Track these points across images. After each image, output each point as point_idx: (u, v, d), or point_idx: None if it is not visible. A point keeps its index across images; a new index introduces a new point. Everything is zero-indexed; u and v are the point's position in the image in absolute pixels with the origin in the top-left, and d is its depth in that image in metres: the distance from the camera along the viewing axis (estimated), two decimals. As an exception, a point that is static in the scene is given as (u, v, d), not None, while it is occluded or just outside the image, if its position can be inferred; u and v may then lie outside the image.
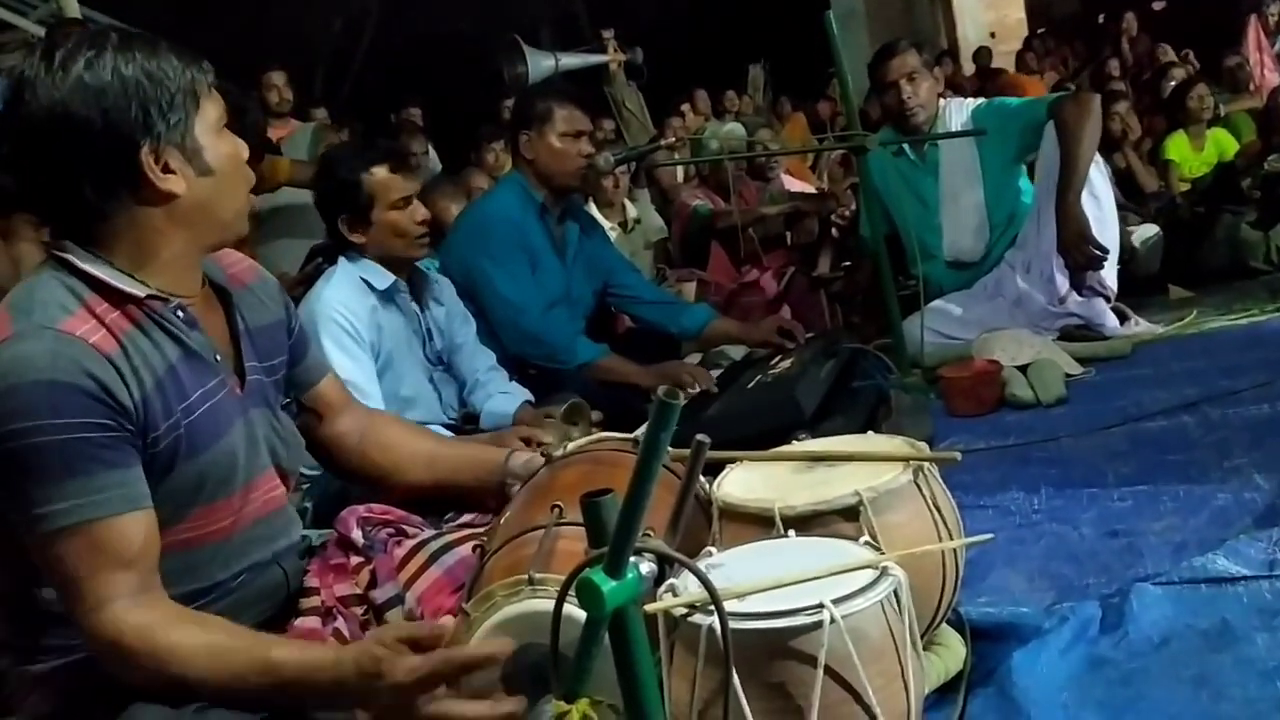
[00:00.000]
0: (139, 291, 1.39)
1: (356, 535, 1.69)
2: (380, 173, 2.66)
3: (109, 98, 1.34)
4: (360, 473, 1.84)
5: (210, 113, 1.45)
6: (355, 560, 1.69)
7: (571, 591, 0.96)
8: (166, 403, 1.39)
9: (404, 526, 1.76)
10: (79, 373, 1.29)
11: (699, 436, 0.95)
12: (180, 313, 1.44)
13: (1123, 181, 5.12)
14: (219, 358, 1.49)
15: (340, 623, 1.60)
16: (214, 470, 1.44)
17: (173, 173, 1.40)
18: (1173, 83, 6.29)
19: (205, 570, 1.47)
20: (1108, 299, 3.28)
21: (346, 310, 2.57)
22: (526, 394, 2.85)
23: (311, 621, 1.60)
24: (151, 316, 1.41)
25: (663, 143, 4.60)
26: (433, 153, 5.79)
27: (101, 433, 1.30)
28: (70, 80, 1.34)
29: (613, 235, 4.25)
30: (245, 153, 1.52)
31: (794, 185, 5.55)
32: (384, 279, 2.66)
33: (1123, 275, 3.38)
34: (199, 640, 1.29)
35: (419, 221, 2.68)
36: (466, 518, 1.85)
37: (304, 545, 1.68)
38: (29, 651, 1.43)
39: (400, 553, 1.68)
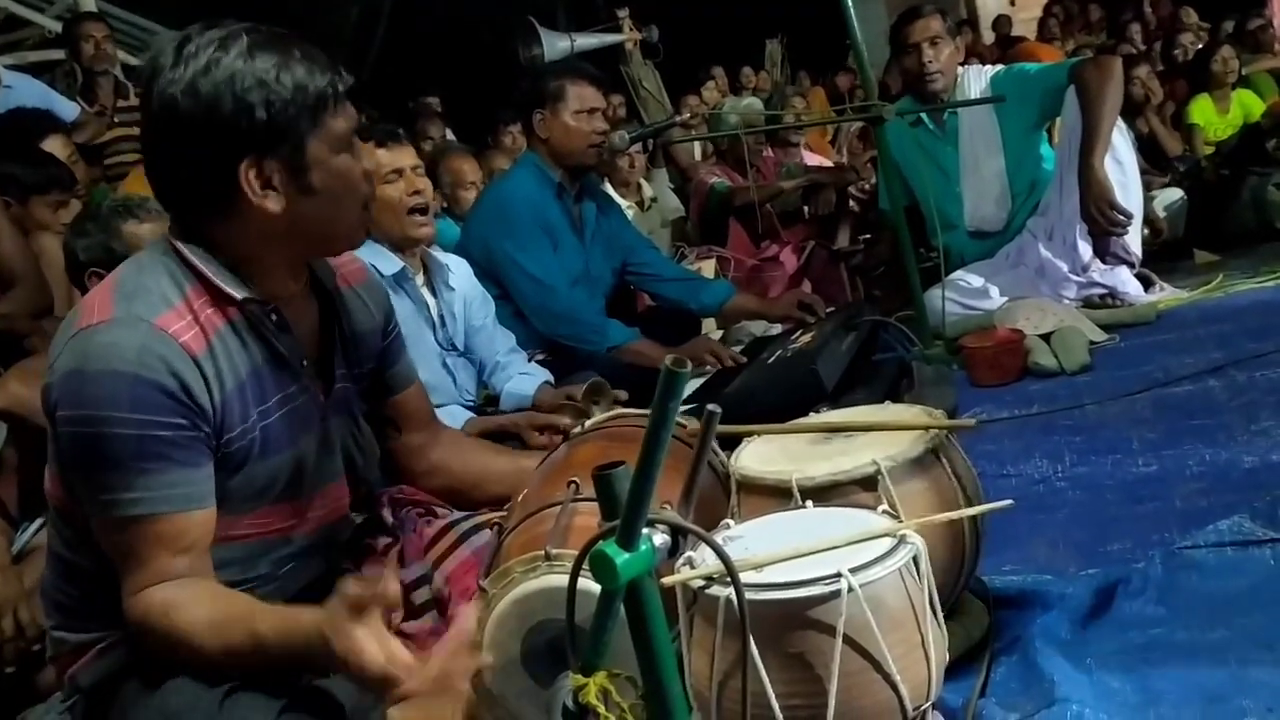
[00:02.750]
0: (237, 294, 1.41)
1: (386, 514, 1.71)
2: (366, 150, 2.64)
3: (219, 105, 1.33)
4: (437, 487, 1.80)
5: (334, 128, 1.41)
6: (384, 541, 1.70)
7: (586, 565, 0.96)
8: (245, 406, 1.40)
9: (433, 507, 1.77)
10: (164, 371, 1.31)
11: (709, 406, 0.95)
12: (274, 316, 1.45)
13: (1145, 147, 5.06)
14: (305, 362, 1.50)
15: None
16: (284, 473, 1.46)
17: (274, 189, 1.38)
18: (1179, 49, 6.23)
19: (256, 563, 1.48)
20: (1131, 265, 3.24)
21: None
22: (546, 375, 2.85)
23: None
24: (246, 317, 1.42)
25: (678, 119, 4.58)
26: (451, 137, 5.79)
27: (176, 431, 1.33)
28: (186, 78, 1.34)
29: (629, 214, 4.25)
30: (362, 167, 1.47)
31: (813, 160, 5.52)
32: (391, 264, 2.66)
33: (1147, 241, 3.34)
34: (204, 616, 1.31)
35: (412, 193, 2.65)
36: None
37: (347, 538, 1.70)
38: (76, 615, 1.46)
39: (430, 532, 1.69)
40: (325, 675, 1.34)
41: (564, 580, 1.08)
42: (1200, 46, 6.19)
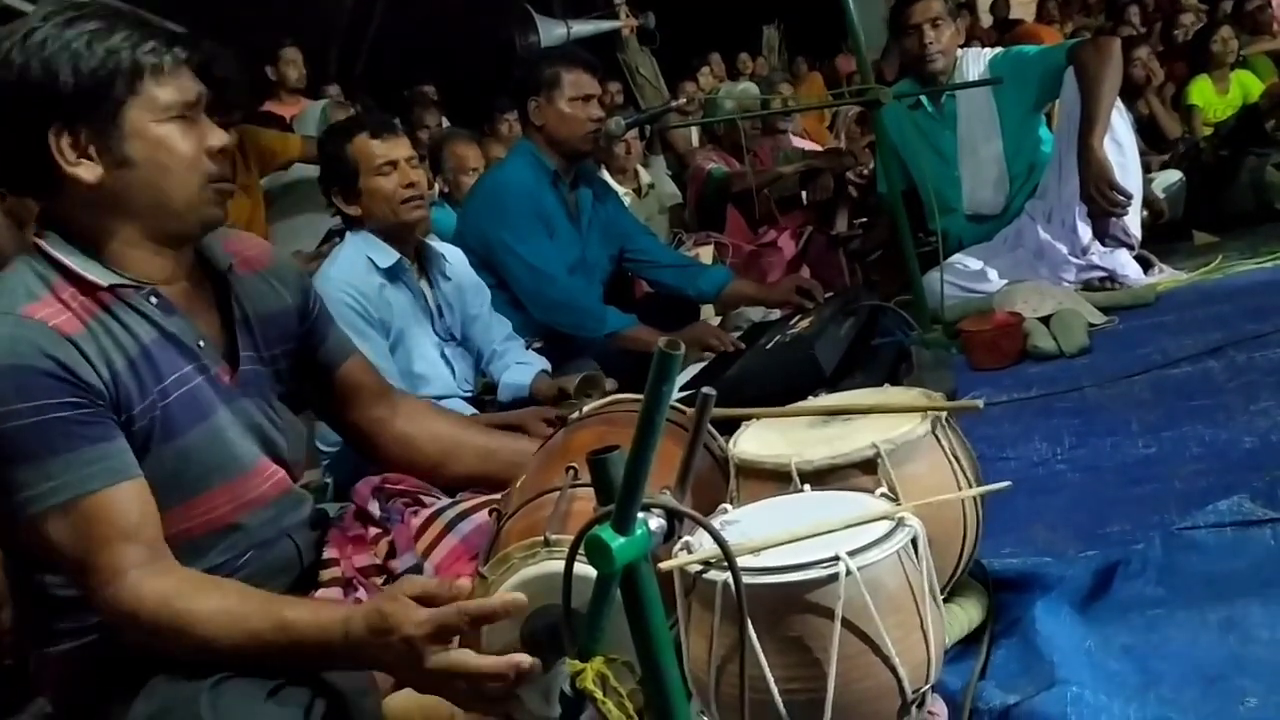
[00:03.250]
0: (103, 281, 1.38)
1: (373, 507, 1.70)
2: (360, 140, 2.65)
3: (27, 72, 1.32)
4: (404, 461, 1.80)
5: (157, 97, 1.38)
6: (374, 531, 1.69)
7: (583, 550, 0.96)
8: (142, 383, 1.38)
9: (420, 496, 1.76)
10: (38, 354, 1.29)
11: (704, 389, 0.94)
12: (154, 298, 1.43)
13: (1144, 129, 5.04)
14: (202, 344, 1.47)
15: (361, 593, 1.61)
16: (194, 456, 1.43)
17: (88, 158, 1.36)
18: (1179, 30, 6.21)
19: (209, 554, 1.46)
20: (1131, 247, 3.23)
21: (355, 291, 2.57)
22: (544, 363, 2.85)
23: (333, 592, 1.61)
24: (123, 301, 1.40)
25: (674, 104, 4.57)
26: (447, 125, 5.78)
27: (73, 410, 1.30)
28: (4, 50, 1.33)
29: (626, 201, 4.24)
30: (205, 143, 1.42)
31: (808, 147, 5.51)
32: (387, 256, 2.65)
33: (1146, 223, 3.33)
34: (215, 604, 1.29)
35: (406, 185, 2.64)
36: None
37: (316, 517, 1.68)
38: (43, 635, 1.43)
39: (417, 522, 1.68)
40: (346, 669, 1.33)
41: (563, 566, 1.07)
42: (1199, 27, 6.16)
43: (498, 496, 1.65)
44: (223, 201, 1.48)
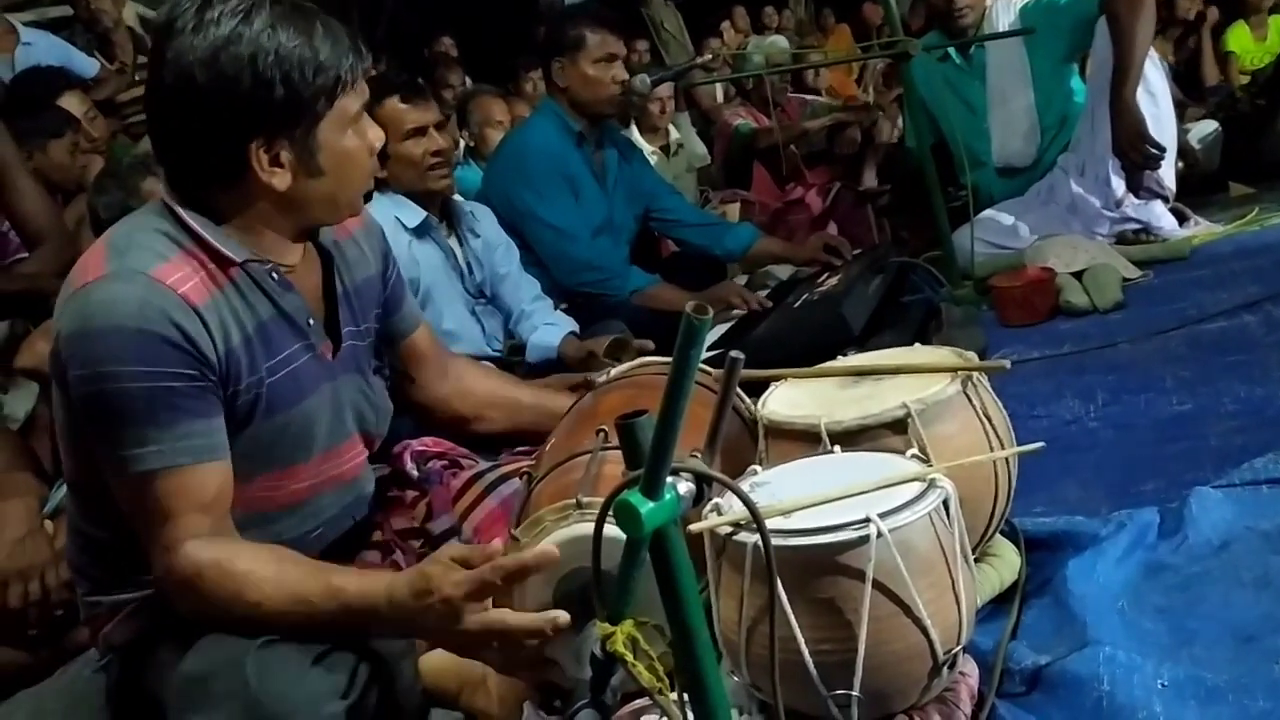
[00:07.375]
0: (237, 257, 1.40)
1: (411, 469, 1.71)
2: (391, 104, 2.62)
3: (238, 82, 1.32)
4: (437, 420, 1.84)
5: (345, 109, 1.41)
6: (411, 494, 1.71)
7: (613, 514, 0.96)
8: (253, 359, 1.40)
9: (458, 459, 1.77)
10: (166, 322, 1.31)
11: (732, 352, 0.93)
12: (275, 274, 1.45)
13: (1180, 76, 4.94)
14: (311, 321, 1.49)
15: (398, 555, 1.63)
16: (290, 432, 1.46)
17: (280, 167, 1.38)
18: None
19: (277, 528, 1.49)
20: (1165, 200, 3.18)
21: None
22: (572, 324, 2.85)
23: (372, 556, 1.64)
24: (249, 275, 1.42)
25: (699, 61, 4.53)
26: (470, 84, 5.75)
27: (186, 382, 1.32)
28: (205, 49, 1.32)
29: (654, 160, 4.21)
30: (369, 143, 1.47)
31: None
32: (415, 215, 2.64)
33: (1181, 174, 3.27)
34: (269, 568, 1.31)
35: (434, 152, 2.64)
36: (521, 448, 1.86)
37: (375, 499, 1.70)
38: (102, 582, 1.47)
39: (456, 484, 1.70)
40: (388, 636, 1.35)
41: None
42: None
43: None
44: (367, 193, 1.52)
